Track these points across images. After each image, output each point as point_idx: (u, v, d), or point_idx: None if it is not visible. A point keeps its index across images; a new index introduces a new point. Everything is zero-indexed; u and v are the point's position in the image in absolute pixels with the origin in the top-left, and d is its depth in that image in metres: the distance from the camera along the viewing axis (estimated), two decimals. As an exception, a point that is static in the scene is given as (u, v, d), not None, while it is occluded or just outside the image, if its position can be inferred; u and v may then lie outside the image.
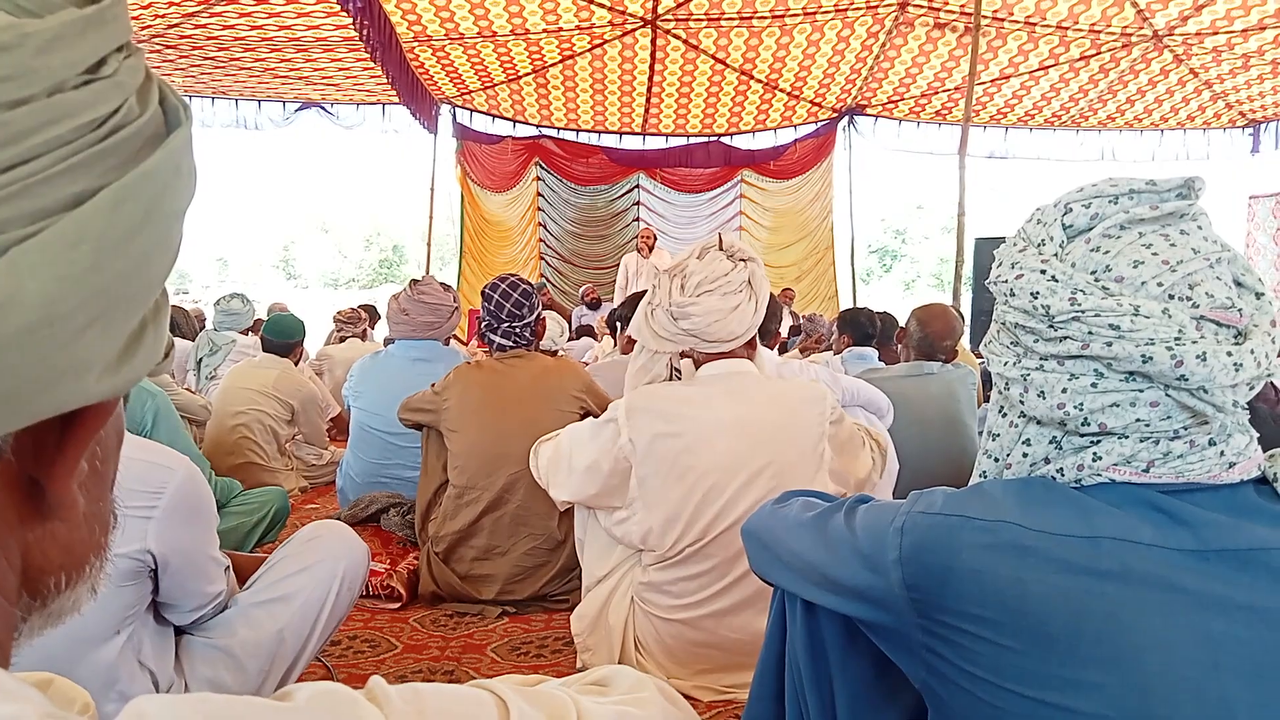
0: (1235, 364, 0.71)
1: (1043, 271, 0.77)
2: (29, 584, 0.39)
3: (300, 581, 1.66)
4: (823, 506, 1.02)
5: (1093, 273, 0.77)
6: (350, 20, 6.34)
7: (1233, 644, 0.67)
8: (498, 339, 2.62)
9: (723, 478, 1.82)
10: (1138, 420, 0.74)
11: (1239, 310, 0.73)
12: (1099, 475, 0.76)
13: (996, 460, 0.85)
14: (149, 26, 7.15)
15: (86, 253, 0.33)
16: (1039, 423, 0.80)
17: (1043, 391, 0.78)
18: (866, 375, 3.00)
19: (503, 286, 2.63)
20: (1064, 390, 0.76)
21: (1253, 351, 0.72)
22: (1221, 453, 0.74)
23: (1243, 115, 10.03)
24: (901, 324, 3.29)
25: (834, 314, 7.84)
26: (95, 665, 1.36)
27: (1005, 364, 0.82)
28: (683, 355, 1.96)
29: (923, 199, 32.02)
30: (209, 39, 7.64)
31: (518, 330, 2.62)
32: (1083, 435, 0.78)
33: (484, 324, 2.64)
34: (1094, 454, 0.76)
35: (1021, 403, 0.80)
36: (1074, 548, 0.72)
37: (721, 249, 1.92)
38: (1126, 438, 0.75)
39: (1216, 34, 7.98)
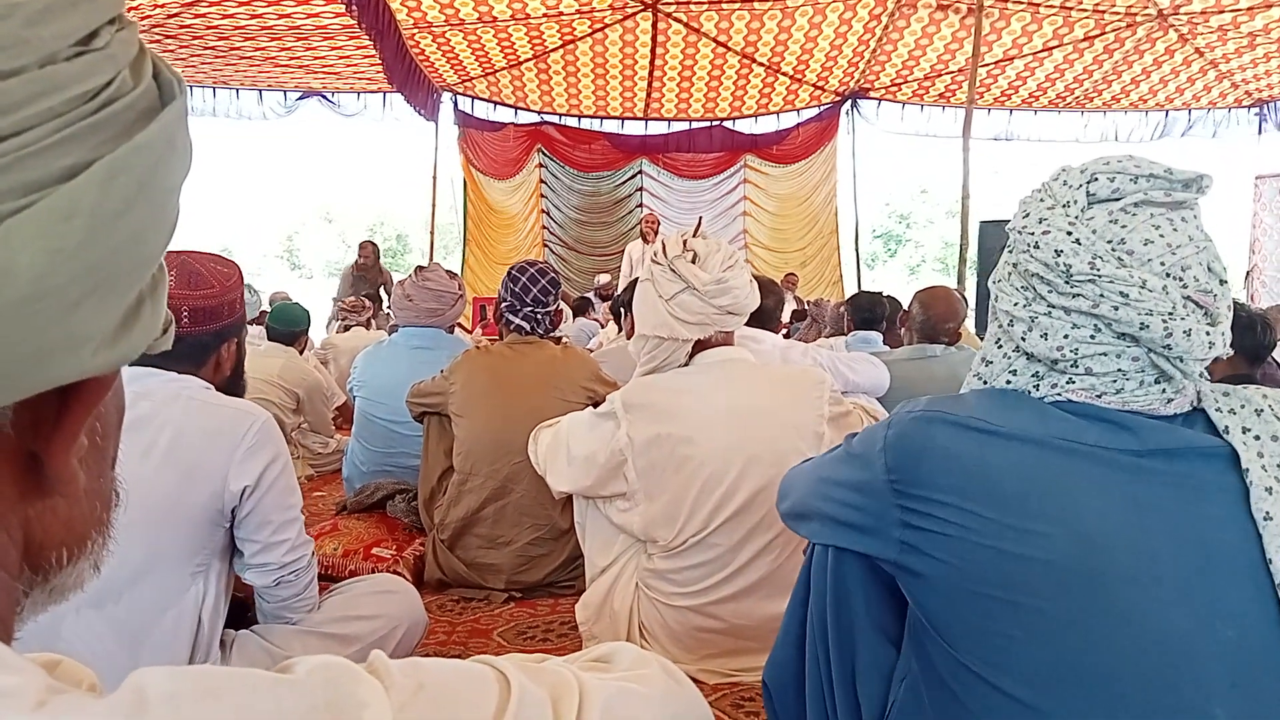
0: (1210, 342, 0.85)
1: (1069, 233, 0.87)
2: (31, 559, 0.39)
3: (362, 630, 1.74)
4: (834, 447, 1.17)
5: (1110, 242, 0.87)
6: (348, 8, 6.32)
7: (1158, 510, 0.83)
8: (517, 320, 2.63)
9: (720, 467, 1.82)
10: (1118, 370, 0.88)
11: (1214, 295, 0.86)
12: (1060, 395, 0.91)
13: (985, 383, 0.98)
14: (148, 16, 7.13)
15: (79, 226, 0.33)
16: (1030, 358, 0.93)
17: (1046, 334, 0.89)
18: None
19: (531, 271, 2.63)
20: (1065, 337, 0.88)
21: (1223, 334, 0.86)
22: (1163, 390, 0.89)
23: (1249, 95, 9.94)
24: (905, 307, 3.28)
25: (838, 299, 7.83)
26: (168, 582, 1.48)
27: (1014, 304, 0.93)
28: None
29: (927, 183, 31.80)
30: (208, 28, 7.62)
31: (538, 316, 2.63)
32: (1065, 373, 0.90)
33: (504, 304, 2.65)
34: (1069, 377, 0.90)
35: (1022, 340, 0.92)
36: (1029, 438, 0.87)
37: (698, 234, 1.94)
38: (1103, 377, 0.88)
39: (1222, 12, 7.92)
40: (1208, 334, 0.84)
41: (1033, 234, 0.90)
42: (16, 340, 0.32)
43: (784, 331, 6.26)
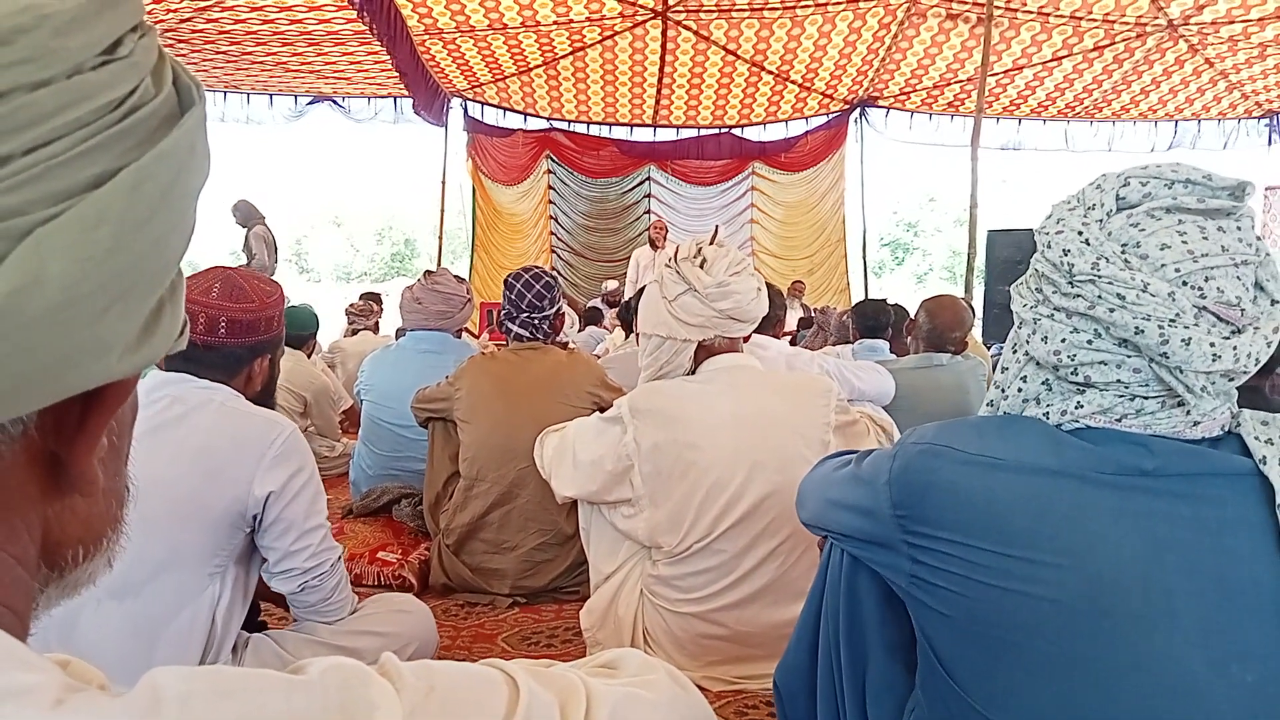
0: (1214, 354, 0.78)
1: (1080, 233, 0.84)
2: (48, 556, 0.40)
3: (373, 645, 1.77)
4: (847, 458, 1.17)
5: (1123, 245, 0.83)
6: (360, 14, 6.34)
7: (1175, 545, 0.78)
8: (515, 328, 2.64)
9: (725, 474, 1.82)
10: (1118, 381, 0.83)
11: (1242, 310, 0.80)
12: (1078, 422, 0.86)
13: (1002, 390, 0.95)
14: (161, 21, 7.17)
15: (107, 234, 0.34)
16: (1037, 364, 0.90)
17: (1045, 337, 0.87)
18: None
19: (525, 277, 2.65)
20: (1063, 340, 0.85)
21: (1235, 348, 0.79)
22: (1188, 412, 0.83)
23: (1259, 106, 9.92)
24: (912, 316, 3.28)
25: (845, 307, 7.82)
26: (186, 580, 1.52)
27: (1024, 306, 0.90)
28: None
29: (935, 191, 31.73)
30: (220, 33, 7.66)
31: (535, 322, 2.64)
32: (1070, 382, 0.87)
33: (503, 313, 2.67)
34: (1077, 402, 0.86)
35: (1028, 343, 0.89)
36: (1041, 469, 0.84)
37: (714, 243, 1.96)
38: (1106, 392, 0.84)
39: (1232, 23, 7.90)
40: (1213, 345, 0.78)
41: (1048, 234, 0.88)
42: (47, 347, 0.33)
43: (790, 339, 6.25)
